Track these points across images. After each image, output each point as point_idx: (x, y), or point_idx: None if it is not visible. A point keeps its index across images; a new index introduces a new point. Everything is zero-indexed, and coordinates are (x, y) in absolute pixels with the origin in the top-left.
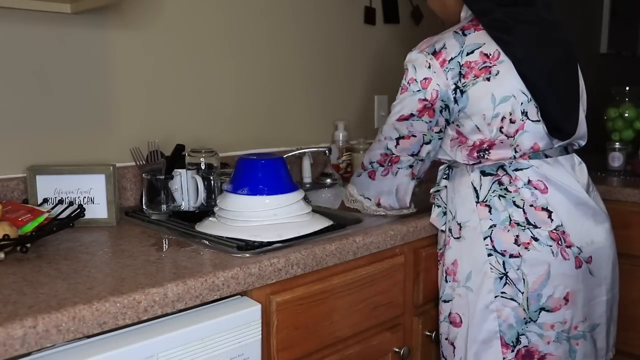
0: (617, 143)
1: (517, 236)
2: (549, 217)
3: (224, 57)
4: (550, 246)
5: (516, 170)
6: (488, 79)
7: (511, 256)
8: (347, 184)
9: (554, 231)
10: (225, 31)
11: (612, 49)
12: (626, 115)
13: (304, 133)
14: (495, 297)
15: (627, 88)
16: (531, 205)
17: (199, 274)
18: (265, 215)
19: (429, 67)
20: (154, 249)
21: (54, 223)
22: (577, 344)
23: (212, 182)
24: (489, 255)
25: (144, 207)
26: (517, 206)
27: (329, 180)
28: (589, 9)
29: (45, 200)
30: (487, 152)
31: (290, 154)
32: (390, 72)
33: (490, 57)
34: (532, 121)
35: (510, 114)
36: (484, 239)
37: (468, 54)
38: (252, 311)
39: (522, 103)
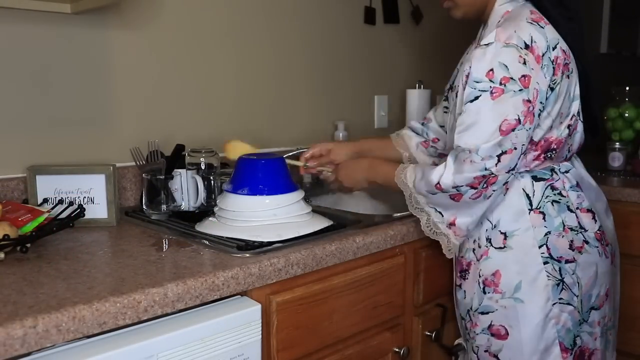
0: (617, 143)
1: (572, 241)
2: (593, 218)
3: (224, 57)
4: (597, 247)
5: (565, 172)
6: (568, 77)
7: (567, 262)
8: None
9: (598, 231)
10: (225, 31)
11: (612, 49)
12: (626, 115)
13: (304, 133)
14: (554, 304)
15: (627, 88)
16: (577, 208)
17: (199, 274)
18: (265, 215)
19: (525, 63)
20: (154, 249)
21: (54, 223)
22: (610, 334)
23: (212, 182)
24: (545, 263)
25: (144, 207)
26: (570, 210)
27: None
28: (589, 9)
29: (45, 200)
30: (553, 152)
31: (290, 154)
32: (390, 72)
33: (566, 53)
34: (581, 121)
35: (578, 113)
36: (540, 247)
37: (553, 48)
38: (252, 311)
39: (580, 102)
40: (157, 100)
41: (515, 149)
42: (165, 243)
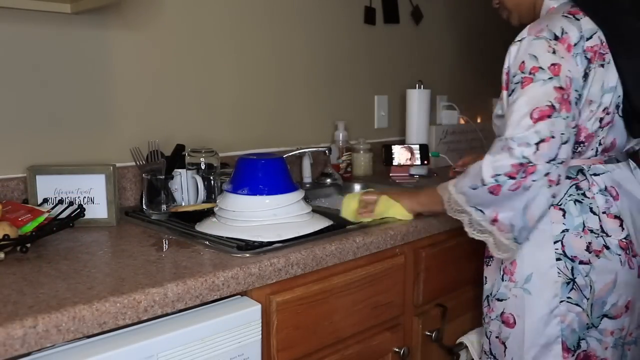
0: None
1: (590, 243)
2: (621, 225)
3: (224, 57)
4: (619, 255)
5: (594, 175)
6: (602, 66)
7: (581, 262)
8: (346, 183)
9: (624, 240)
10: (225, 31)
11: None
12: None
13: (304, 133)
14: (561, 302)
15: None
16: (604, 213)
17: (199, 274)
18: (265, 215)
19: (554, 52)
20: (154, 249)
21: (54, 223)
22: (629, 349)
23: (212, 182)
24: (558, 259)
25: (144, 207)
26: (594, 213)
27: (329, 180)
28: None
29: (45, 200)
30: (582, 145)
31: (290, 154)
32: (390, 72)
33: (603, 44)
34: (620, 116)
35: (609, 106)
36: (554, 242)
37: (588, 38)
38: (252, 311)
39: (619, 96)
40: (157, 100)
41: (554, 137)
42: (165, 243)
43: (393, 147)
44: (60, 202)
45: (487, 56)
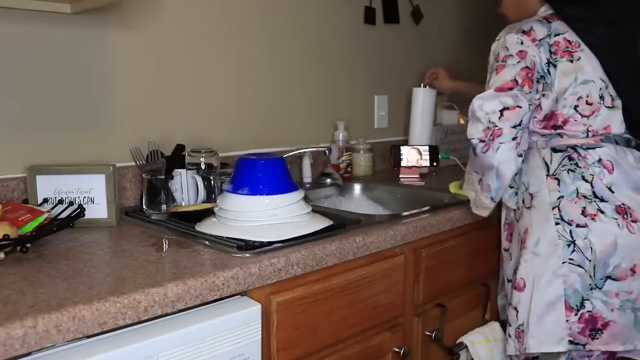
0: None
1: (584, 208)
2: (615, 194)
3: (224, 57)
4: (616, 219)
5: (588, 149)
6: (571, 61)
7: (578, 226)
8: (346, 183)
9: (621, 206)
10: (225, 31)
11: None
12: None
13: (304, 133)
14: (563, 263)
15: None
16: (600, 180)
17: (199, 274)
18: (265, 215)
19: (522, 42)
20: (154, 249)
21: (54, 223)
22: None
23: (212, 182)
24: (557, 224)
25: (144, 207)
26: (585, 180)
27: (329, 180)
28: None
29: (45, 200)
30: (561, 128)
31: (290, 154)
32: (390, 72)
33: (572, 44)
34: (607, 107)
35: (587, 96)
36: (553, 208)
37: (555, 35)
38: (252, 311)
39: (600, 89)
40: (157, 100)
41: (520, 107)
42: (165, 243)
43: (402, 147)
44: (60, 202)
45: (487, 56)
